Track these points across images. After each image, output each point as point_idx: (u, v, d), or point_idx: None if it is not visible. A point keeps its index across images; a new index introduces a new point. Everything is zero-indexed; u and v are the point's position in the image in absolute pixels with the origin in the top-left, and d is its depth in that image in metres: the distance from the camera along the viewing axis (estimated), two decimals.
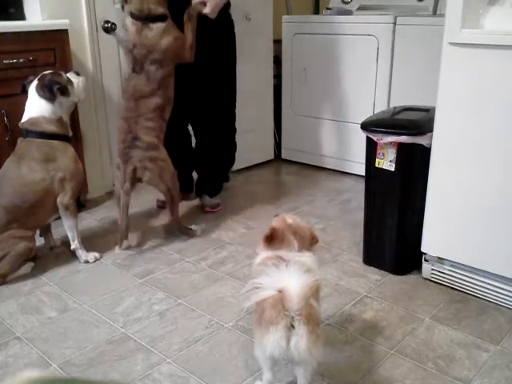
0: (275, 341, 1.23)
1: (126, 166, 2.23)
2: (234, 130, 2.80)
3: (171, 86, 2.32)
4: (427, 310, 1.87)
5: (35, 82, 2.13)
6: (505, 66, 1.66)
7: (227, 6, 2.48)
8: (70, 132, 2.23)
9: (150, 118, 2.23)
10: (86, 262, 2.25)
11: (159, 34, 2.21)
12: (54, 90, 2.11)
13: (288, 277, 1.25)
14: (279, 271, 1.28)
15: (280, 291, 1.23)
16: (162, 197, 2.57)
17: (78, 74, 2.30)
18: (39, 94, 2.11)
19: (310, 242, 1.51)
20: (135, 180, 2.27)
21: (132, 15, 2.22)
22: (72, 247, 2.24)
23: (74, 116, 2.62)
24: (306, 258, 1.45)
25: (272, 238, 1.47)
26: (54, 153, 2.11)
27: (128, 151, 2.23)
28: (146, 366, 1.60)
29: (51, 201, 2.13)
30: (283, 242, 1.47)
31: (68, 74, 2.24)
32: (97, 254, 2.28)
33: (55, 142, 2.12)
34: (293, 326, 1.23)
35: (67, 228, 2.21)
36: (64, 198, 2.14)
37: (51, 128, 2.12)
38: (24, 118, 2.12)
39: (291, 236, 1.47)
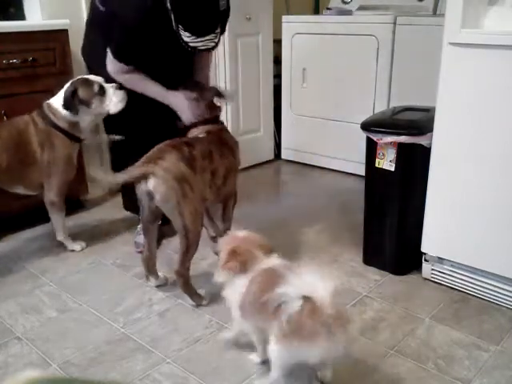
0: (322, 348, 1.27)
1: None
2: None
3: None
4: (427, 310, 1.87)
5: (67, 85, 2.14)
6: (505, 66, 1.66)
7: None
8: (82, 135, 2.22)
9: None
10: (73, 250, 2.34)
11: None
12: (69, 106, 2.11)
13: (313, 283, 1.27)
14: (299, 278, 1.30)
15: (308, 298, 1.25)
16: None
17: (120, 88, 2.11)
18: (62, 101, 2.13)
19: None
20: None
21: None
22: (58, 238, 2.35)
23: None
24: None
25: (235, 255, 1.48)
26: (53, 141, 2.15)
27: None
28: (145, 366, 1.61)
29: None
30: (249, 257, 1.48)
31: (108, 86, 2.11)
32: (83, 244, 2.39)
33: (60, 134, 2.16)
34: (331, 331, 1.25)
35: (53, 221, 2.32)
36: (50, 194, 2.23)
37: (62, 124, 2.15)
38: (51, 100, 2.16)
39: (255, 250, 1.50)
